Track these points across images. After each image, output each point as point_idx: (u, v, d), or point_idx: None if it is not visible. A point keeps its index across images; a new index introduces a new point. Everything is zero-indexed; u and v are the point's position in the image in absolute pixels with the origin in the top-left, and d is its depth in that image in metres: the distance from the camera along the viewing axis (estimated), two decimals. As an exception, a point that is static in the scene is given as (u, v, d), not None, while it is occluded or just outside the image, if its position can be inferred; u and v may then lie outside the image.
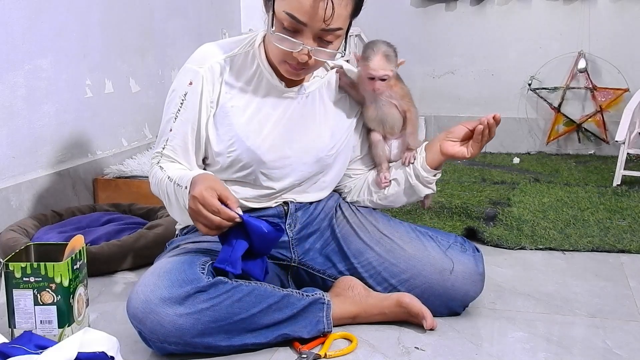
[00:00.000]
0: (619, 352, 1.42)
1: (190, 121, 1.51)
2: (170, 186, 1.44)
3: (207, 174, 1.41)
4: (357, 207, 1.68)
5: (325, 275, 1.63)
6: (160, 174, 1.49)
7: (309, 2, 1.36)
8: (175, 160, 1.52)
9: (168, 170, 1.48)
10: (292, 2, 1.37)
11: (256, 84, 1.54)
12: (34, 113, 2.26)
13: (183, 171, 1.47)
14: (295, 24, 1.39)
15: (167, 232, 1.99)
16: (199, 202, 1.33)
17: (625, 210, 2.44)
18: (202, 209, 1.33)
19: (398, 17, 3.75)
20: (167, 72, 3.04)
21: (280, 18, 1.40)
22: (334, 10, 1.37)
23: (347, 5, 1.40)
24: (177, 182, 1.42)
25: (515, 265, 1.97)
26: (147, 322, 1.33)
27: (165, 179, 1.46)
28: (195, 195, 1.33)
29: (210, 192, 1.33)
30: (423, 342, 1.46)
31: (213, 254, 1.46)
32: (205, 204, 1.32)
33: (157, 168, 1.51)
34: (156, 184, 1.50)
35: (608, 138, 3.57)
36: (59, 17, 2.35)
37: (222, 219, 1.33)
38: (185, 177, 1.41)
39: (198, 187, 1.34)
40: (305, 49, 1.41)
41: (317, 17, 1.37)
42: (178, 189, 1.42)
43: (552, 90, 3.63)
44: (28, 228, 2.04)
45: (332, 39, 1.43)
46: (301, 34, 1.40)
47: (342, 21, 1.41)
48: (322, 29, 1.39)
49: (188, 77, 1.51)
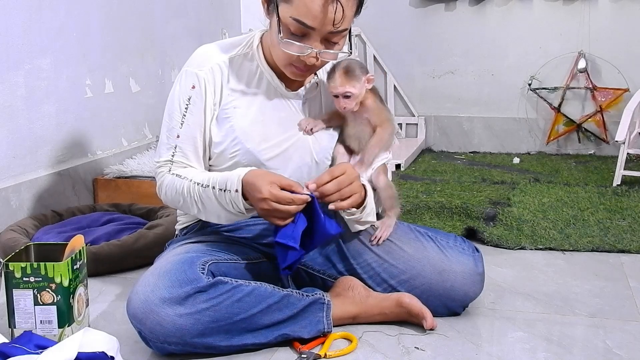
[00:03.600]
0: (619, 352, 1.42)
1: (198, 125, 1.50)
2: (206, 192, 1.42)
3: (254, 171, 1.40)
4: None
5: (325, 275, 1.63)
6: (179, 182, 1.46)
7: (318, 8, 1.36)
8: (188, 165, 1.51)
9: (191, 176, 1.46)
10: (299, 8, 1.37)
11: (257, 85, 1.54)
12: (34, 113, 2.26)
13: (215, 174, 1.45)
14: (303, 29, 1.39)
15: (167, 232, 1.99)
16: (272, 201, 1.34)
17: (625, 210, 2.44)
18: (279, 206, 1.35)
19: (398, 17, 3.75)
20: (167, 72, 3.04)
21: (286, 23, 1.40)
22: (344, 14, 1.37)
23: (353, 6, 1.41)
24: (220, 187, 1.40)
25: (515, 265, 1.97)
26: (147, 322, 1.33)
27: (193, 185, 1.44)
28: (265, 197, 1.34)
29: (275, 187, 1.35)
30: (423, 342, 1.46)
31: (213, 254, 1.46)
32: (279, 200, 1.35)
33: (170, 177, 1.49)
34: (176, 192, 1.47)
35: (608, 138, 3.57)
36: (59, 17, 2.35)
37: (298, 205, 1.36)
38: (228, 180, 1.40)
39: (264, 188, 1.34)
40: (314, 52, 1.41)
41: (326, 21, 1.37)
42: (223, 194, 1.39)
43: (552, 90, 3.62)
44: (28, 228, 2.05)
45: (338, 40, 1.43)
46: (309, 38, 1.40)
47: (348, 22, 1.42)
48: (330, 31, 1.39)
49: (190, 81, 1.50)
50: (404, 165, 3.28)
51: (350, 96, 1.53)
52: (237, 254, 1.52)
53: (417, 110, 3.83)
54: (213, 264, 1.42)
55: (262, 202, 1.35)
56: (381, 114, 1.60)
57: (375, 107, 1.59)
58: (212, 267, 1.41)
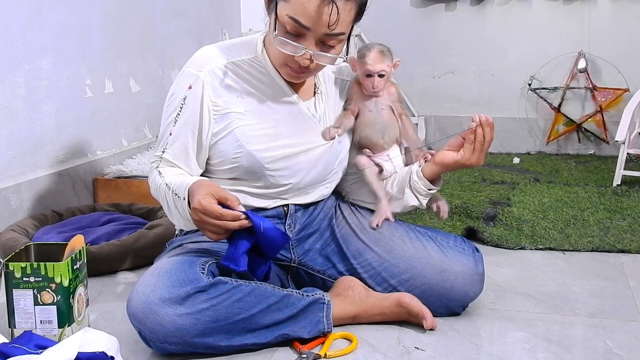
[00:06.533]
0: (619, 352, 1.42)
1: (190, 125, 1.50)
2: (169, 194, 1.44)
3: (200, 181, 1.41)
4: (357, 208, 1.68)
5: (325, 275, 1.63)
6: (159, 180, 1.48)
7: (314, 7, 1.36)
8: (175, 164, 1.51)
9: (166, 177, 1.47)
10: (296, 7, 1.37)
11: (262, 89, 1.53)
12: (34, 113, 2.26)
13: (181, 177, 1.46)
14: (298, 28, 1.39)
15: (167, 232, 1.99)
16: (200, 212, 1.33)
17: (625, 210, 2.44)
18: (206, 218, 1.33)
19: (398, 17, 3.75)
20: (167, 72, 3.04)
21: (283, 22, 1.40)
22: (339, 16, 1.37)
23: (351, 11, 1.41)
24: (175, 191, 1.42)
25: (515, 265, 1.97)
26: (147, 322, 1.33)
27: (163, 185, 1.46)
28: (195, 207, 1.34)
29: (208, 199, 1.33)
30: (423, 342, 1.46)
31: (213, 254, 1.46)
32: (207, 212, 1.32)
33: (156, 173, 1.50)
34: (155, 189, 1.50)
35: (608, 138, 3.57)
36: (58, 17, 2.35)
37: (227, 221, 1.33)
38: (182, 186, 1.41)
39: (196, 198, 1.34)
40: (308, 53, 1.41)
41: (321, 22, 1.37)
42: (177, 199, 1.41)
43: (552, 90, 3.62)
44: (28, 228, 2.04)
45: (334, 44, 1.43)
46: (304, 38, 1.40)
47: (346, 26, 1.42)
48: (326, 33, 1.39)
49: (187, 81, 1.50)
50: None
51: (384, 75, 1.57)
52: (237, 254, 1.52)
53: (417, 110, 3.83)
54: (213, 264, 1.42)
55: (193, 212, 1.36)
56: (402, 103, 1.65)
57: (399, 94, 1.64)
58: (212, 267, 1.41)
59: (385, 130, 1.61)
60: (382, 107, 1.60)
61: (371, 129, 1.60)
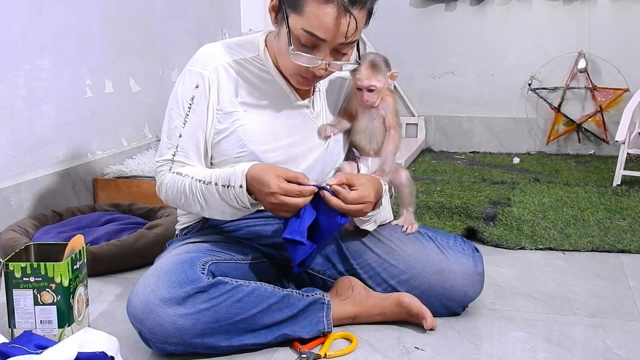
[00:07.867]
0: (619, 352, 1.42)
1: (200, 124, 1.49)
2: (208, 188, 1.41)
3: (256, 165, 1.39)
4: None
5: (325, 275, 1.63)
6: (180, 180, 1.46)
7: (331, 20, 1.36)
8: (188, 164, 1.50)
9: (192, 174, 1.45)
10: (311, 20, 1.37)
11: (264, 89, 1.53)
12: (34, 113, 2.26)
13: (214, 170, 1.44)
14: (314, 40, 1.39)
15: (167, 232, 1.99)
16: (280, 194, 1.34)
17: (625, 210, 2.44)
18: (287, 199, 1.34)
19: (398, 17, 3.75)
20: (167, 72, 3.04)
21: (297, 35, 1.39)
22: (357, 27, 1.37)
23: (364, 18, 1.42)
24: (221, 183, 1.39)
25: (515, 265, 1.97)
26: (147, 323, 1.33)
27: (193, 183, 1.43)
28: (274, 191, 1.33)
29: (282, 180, 1.34)
30: (423, 342, 1.46)
31: (213, 254, 1.46)
32: (288, 193, 1.34)
33: (171, 175, 1.48)
34: (177, 190, 1.47)
35: (608, 138, 3.57)
36: (58, 17, 2.35)
37: (306, 197, 1.35)
38: (231, 175, 1.39)
39: (270, 182, 1.33)
40: (324, 64, 1.41)
41: (338, 34, 1.38)
42: (227, 190, 1.39)
43: (552, 90, 3.63)
44: (28, 228, 2.04)
45: (347, 51, 1.44)
46: (318, 49, 1.40)
47: (359, 33, 1.43)
48: (341, 43, 1.40)
49: (193, 80, 1.49)
50: (404, 165, 3.28)
51: (374, 90, 1.54)
52: (237, 254, 1.52)
53: (417, 110, 3.83)
54: (213, 264, 1.42)
55: (270, 196, 1.35)
56: (396, 116, 1.61)
57: (393, 106, 1.60)
58: (212, 267, 1.41)
59: (373, 139, 1.60)
60: (375, 117, 1.59)
61: (360, 136, 1.60)
